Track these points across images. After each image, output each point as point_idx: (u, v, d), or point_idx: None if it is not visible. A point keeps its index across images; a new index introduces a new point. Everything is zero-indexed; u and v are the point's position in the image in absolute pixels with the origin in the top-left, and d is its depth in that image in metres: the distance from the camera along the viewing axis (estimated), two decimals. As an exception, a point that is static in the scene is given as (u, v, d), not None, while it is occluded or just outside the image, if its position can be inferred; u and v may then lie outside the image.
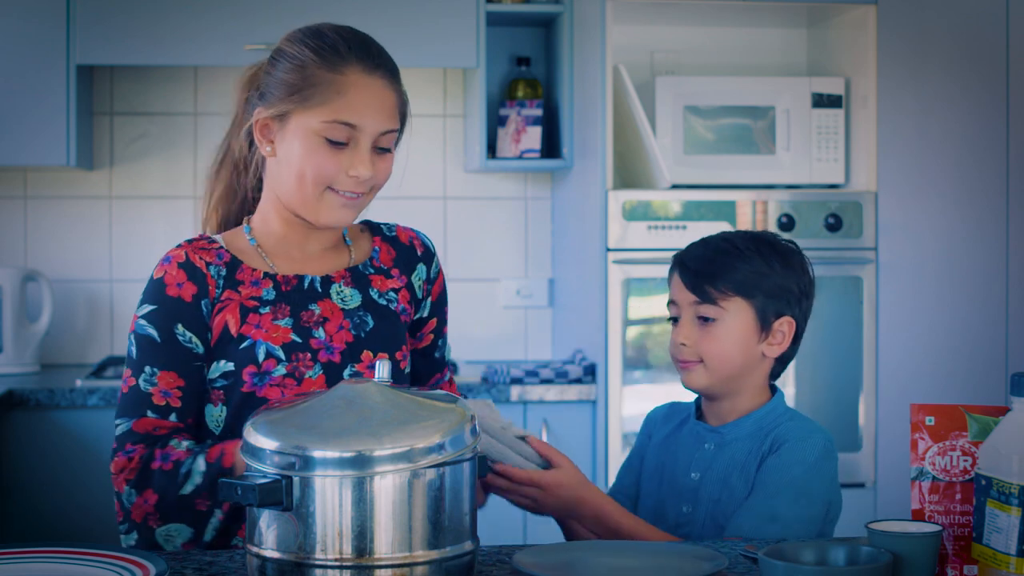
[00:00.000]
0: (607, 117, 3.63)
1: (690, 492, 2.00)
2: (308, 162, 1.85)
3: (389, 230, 2.05)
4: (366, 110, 1.85)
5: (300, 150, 1.85)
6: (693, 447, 2.03)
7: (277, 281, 1.91)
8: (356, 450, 1.45)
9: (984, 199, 3.74)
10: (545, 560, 1.58)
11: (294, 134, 1.86)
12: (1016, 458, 1.46)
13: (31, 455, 3.44)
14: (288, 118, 1.86)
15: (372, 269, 1.98)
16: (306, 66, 1.86)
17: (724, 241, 2.01)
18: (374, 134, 1.86)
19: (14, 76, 3.69)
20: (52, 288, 3.89)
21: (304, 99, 1.85)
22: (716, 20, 4.07)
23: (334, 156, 1.85)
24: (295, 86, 1.85)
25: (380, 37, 1.94)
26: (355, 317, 1.92)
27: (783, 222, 3.66)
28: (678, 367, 2.02)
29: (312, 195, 1.87)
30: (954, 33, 3.74)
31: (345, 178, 1.86)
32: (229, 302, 1.88)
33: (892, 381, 3.69)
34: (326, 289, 1.93)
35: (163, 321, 1.86)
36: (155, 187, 4.08)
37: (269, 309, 1.88)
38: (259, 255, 1.93)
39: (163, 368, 1.85)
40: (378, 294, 1.96)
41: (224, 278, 1.89)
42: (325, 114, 1.84)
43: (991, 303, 3.74)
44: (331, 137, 1.84)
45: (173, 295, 1.87)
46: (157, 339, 1.86)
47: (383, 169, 1.89)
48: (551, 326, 4.20)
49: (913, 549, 1.49)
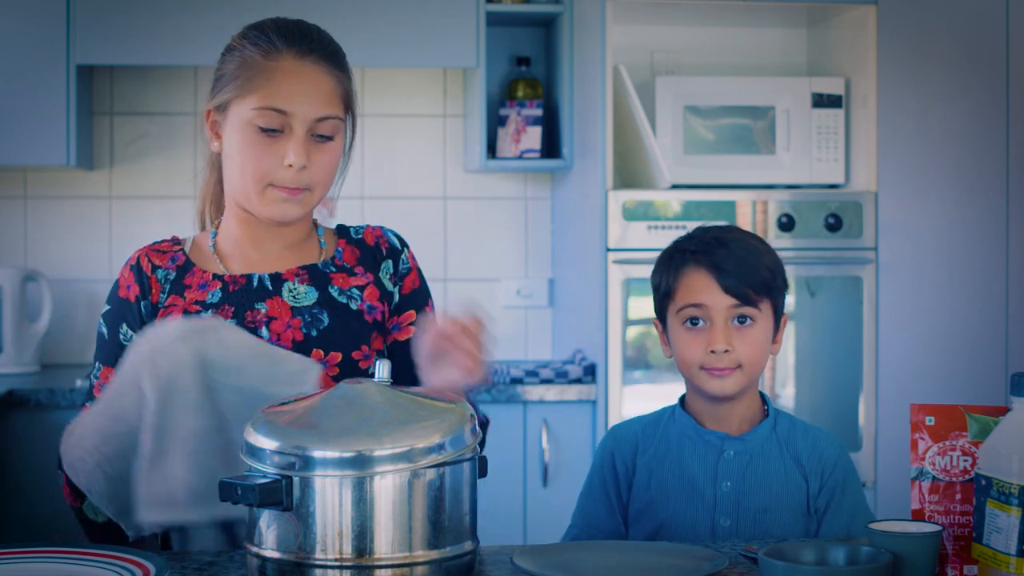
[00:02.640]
0: (607, 117, 3.63)
1: (727, 504, 1.94)
2: (246, 154, 1.84)
3: (356, 232, 2.01)
4: (295, 95, 1.83)
5: (238, 142, 1.85)
6: (708, 456, 1.97)
7: (225, 282, 1.90)
8: (356, 450, 1.45)
9: (984, 199, 3.74)
10: (545, 560, 1.58)
11: (232, 125, 1.86)
12: (1016, 458, 1.46)
13: (31, 455, 3.44)
14: (228, 109, 1.86)
15: (334, 268, 1.95)
16: (244, 57, 1.86)
17: (735, 239, 1.99)
18: (307, 120, 1.83)
19: (14, 76, 3.69)
20: (52, 288, 3.89)
21: (238, 88, 1.84)
22: (716, 20, 4.07)
23: (269, 146, 1.83)
24: (232, 76, 1.86)
25: (380, 37, 1.94)
26: (306, 315, 1.89)
27: (783, 222, 3.66)
28: (703, 374, 1.95)
29: (254, 190, 1.85)
30: (954, 33, 3.74)
31: (282, 171, 1.83)
32: (173, 308, 1.88)
33: (892, 381, 3.69)
34: (277, 287, 1.90)
35: (112, 319, 1.91)
36: (155, 187, 4.08)
37: (211, 313, 1.87)
38: (213, 257, 1.93)
39: (104, 364, 1.90)
40: (338, 291, 1.92)
41: (171, 283, 1.90)
42: (256, 101, 1.83)
43: (991, 303, 3.74)
44: (263, 124, 1.82)
45: (123, 296, 1.91)
46: (106, 336, 1.91)
47: (322, 160, 1.86)
48: (551, 326, 4.20)
49: (913, 549, 1.49)
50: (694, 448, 1.98)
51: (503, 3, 3.88)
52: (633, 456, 2.01)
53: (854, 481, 1.99)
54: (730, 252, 1.95)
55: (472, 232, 4.18)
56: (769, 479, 1.94)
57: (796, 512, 1.94)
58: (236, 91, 1.85)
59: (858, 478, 2.01)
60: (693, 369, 1.96)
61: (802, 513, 1.94)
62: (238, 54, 1.87)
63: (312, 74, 1.85)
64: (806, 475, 1.95)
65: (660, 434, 2.01)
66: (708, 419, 1.99)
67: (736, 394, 1.96)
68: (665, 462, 1.99)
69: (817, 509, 1.95)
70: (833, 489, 1.95)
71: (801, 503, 1.95)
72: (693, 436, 1.99)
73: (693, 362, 1.95)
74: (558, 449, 3.62)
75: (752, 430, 1.97)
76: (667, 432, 2.01)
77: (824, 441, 1.99)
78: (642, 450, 2.01)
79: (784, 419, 2.01)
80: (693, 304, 1.95)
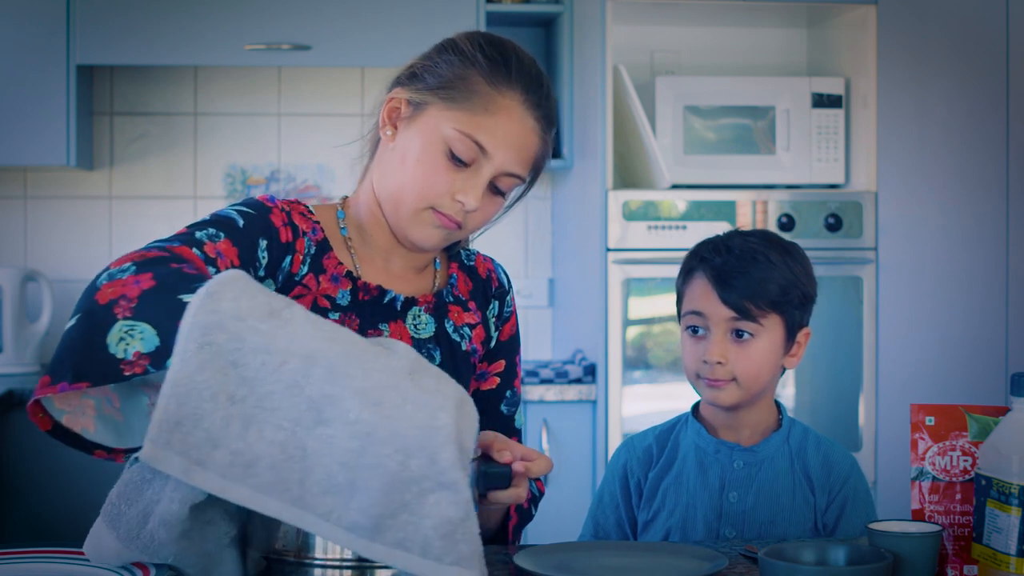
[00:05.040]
0: (607, 117, 3.63)
1: (732, 515, 1.92)
2: (423, 169, 1.68)
3: (468, 258, 1.87)
4: (503, 140, 1.68)
5: (419, 150, 1.69)
6: (716, 466, 1.94)
7: (357, 287, 1.74)
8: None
9: (984, 199, 3.74)
10: (545, 560, 1.58)
11: (421, 129, 1.70)
12: (1016, 458, 1.46)
13: (31, 455, 3.44)
14: (424, 109, 1.70)
15: (451, 298, 1.82)
16: (470, 68, 1.70)
17: (751, 250, 1.91)
18: (499, 168, 1.69)
19: (14, 76, 3.69)
20: (52, 288, 3.89)
21: (450, 98, 1.69)
22: (716, 20, 4.08)
23: (449, 173, 1.68)
24: (449, 82, 1.70)
25: (380, 37, 1.90)
26: (423, 349, 1.75)
27: (783, 222, 3.66)
28: (701, 383, 1.92)
29: (412, 207, 1.70)
30: (954, 33, 3.74)
31: (450, 201, 1.69)
32: (306, 292, 1.71)
33: (892, 381, 3.69)
34: (405, 311, 1.76)
35: (255, 224, 1.64)
36: (155, 187, 4.08)
37: (338, 316, 1.71)
38: (347, 249, 1.77)
39: (231, 240, 1.59)
40: (452, 328, 1.80)
41: (312, 257, 1.72)
42: (463, 123, 1.67)
43: (991, 303, 3.74)
44: (455, 151, 1.67)
45: (275, 224, 1.68)
46: (239, 224, 1.63)
47: (487, 210, 1.72)
48: (551, 326, 4.20)
49: (913, 549, 1.49)
50: (703, 457, 1.95)
51: (503, 3, 3.88)
52: (646, 470, 1.98)
53: (865, 499, 1.94)
54: (735, 263, 1.89)
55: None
56: (777, 492, 1.91)
57: (803, 526, 1.91)
58: (446, 101, 1.69)
59: (870, 497, 1.95)
60: (692, 376, 1.94)
61: (809, 528, 1.91)
62: (464, 62, 1.71)
63: (530, 130, 1.70)
64: (815, 489, 1.92)
65: (671, 443, 1.99)
66: (720, 427, 1.96)
67: (734, 406, 1.92)
68: (673, 470, 1.96)
69: (825, 525, 1.92)
70: (842, 505, 1.92)
71: (809, 518, 1.92)
72: (703, 445, 1.96)
73: (691, 370, 1.94)
74: (558, 449, 3.61)
75: (763, 441, 1.94)
76: (678, 441, 1.98)
77: (836, 456, 1.94)
78: (654, 463, 1.98)
79: (798, 430, 1.96)
80: (694, 311, 1.92)
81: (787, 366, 1.96)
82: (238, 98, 4.10)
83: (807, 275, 1.94)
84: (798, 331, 1.94)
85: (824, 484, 1.93)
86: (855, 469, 1.95)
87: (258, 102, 4.11)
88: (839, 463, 1.94)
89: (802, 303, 1.93)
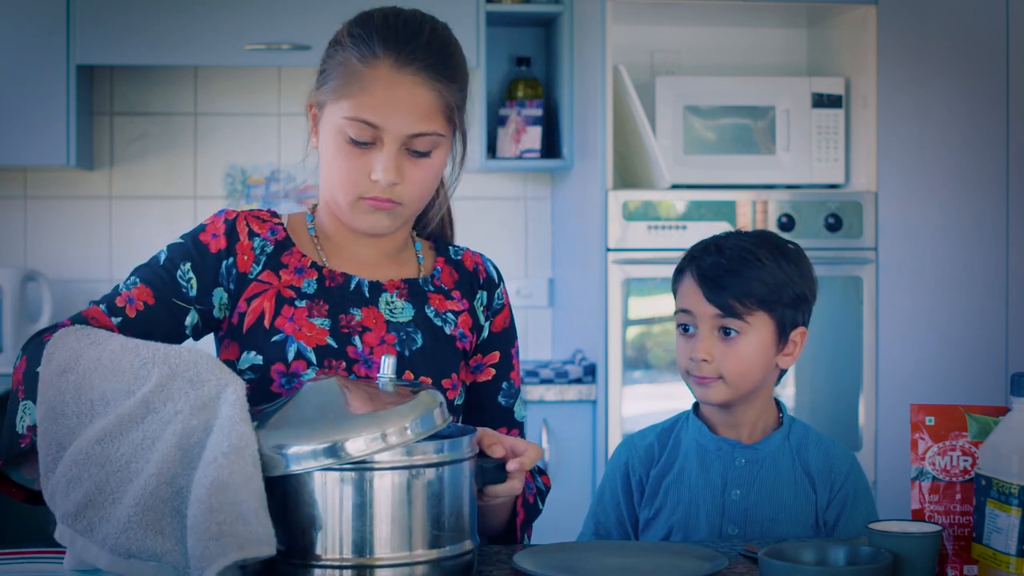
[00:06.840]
0: (607, 117, 3.63)
1: (735, 512, 1.92)
2: (337, 163, 1.73)
3: (456, 253, 1.91)
4: (388, 109, 1.69)
5: (330, 148, 1.74)
6: (718, 463, 1.94)
7: (323, 275, 1.78)
8: (331, 440, 1.43)
9: (984, 199, 3.74)
10: (545, 560, 1.58)
11: (325, 128, 1.75)
12: (1016, 458, 1.46)
13: (31, 455, 3.44)
14: (324, 108, 1.75)
15: (432, 287, 1.84)
16: (344, 56, 1.73)
17: (740, 248, 1.92)
18: (400, 136, 1.70)
19: (14, 76, 3.69)
20: (52, 288, 3.89)
21: (335, 89, 1.73)
22: (716, 20, 4.08)
23: (359, 157, 1.71)
24: (332, 75, 1.74)
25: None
26: (402, 332, 1.78)
27: (783, 222, 3.66)
28: (691, 381, 1.93)
29: (344, 200, 1.75)
30: (954, 33, 3.74)
31: (371, 184, 1.72)
32: (268, 288, 1.76)
33: (892, 381, 3.69)
34: (375, 296, 1.79)
35: (178, 252, 1.77)
36: (155, 187, 4.08)
37: (305, 303, 1.75)
38: (312, 242, 1.82)
39: (144, 281, 1.75)
40: (435, 312, 1.81)
41: (268, 256, 1.78)
42: (348, 109, 1.71)
43: (991, 303, 3.74)
44: (354, 136, 1.71)
45: (204, 241, 1.77)
46: (160, 261, 1.77)
47: (415, 175, 1.73)
48: (551, 326, 4.20)
49: (913, 549, 1.49)
50: (705, 455, 1.95)
51: (503, 3, 3.88)
52: (647, 468, 1.98)
53: (866, 498, 1.94)
54: (724, 263, 1.90)
55: (472, 232, 4.17)
56: (779, 489, 1.92)
57: (805, 523, 1.91)
58: (332, 94, 1.73)
59: (871, 495, 1.96)
60: (683, 374, 1.95)
61: (811, 525, 1.92)
62: (340, 52, 1.74)
63: (409, 86, 1.70)
64: (816, 487, 1.93)
65: (673, 441, 1.99)
66: (720, 425, 1.97)
67: (724, 403, 1.93)
68: (675, 468, 1.96)
69: (826, 522, 1.92)
70: (843, 503, 1.92)
71: (810, 515, 1.92)
72: (704, 443, 1.96)
73: (682, 367, 1.95)
74: (558, 449, 3.61)
75: (764, 439, 1.94)
76: (679, 438, 1.99)
77: (836, 454, 1.95)
78: (656, 461, 1.99)
79: (799, 428, 1.97)
80: (683, 310, 1.94)
81: (781, 365, 1.96)
82: (238, 98, 4.10)
83: (801, 275, 1.94)
84: (791, 330, 1.94)
85: (825, 482, 1.93)
86: (855, 467, 1.96)
87: (258, 102, 4.11)
88: (840, 461, 1.95)
89: (794, 303, 1.93)
